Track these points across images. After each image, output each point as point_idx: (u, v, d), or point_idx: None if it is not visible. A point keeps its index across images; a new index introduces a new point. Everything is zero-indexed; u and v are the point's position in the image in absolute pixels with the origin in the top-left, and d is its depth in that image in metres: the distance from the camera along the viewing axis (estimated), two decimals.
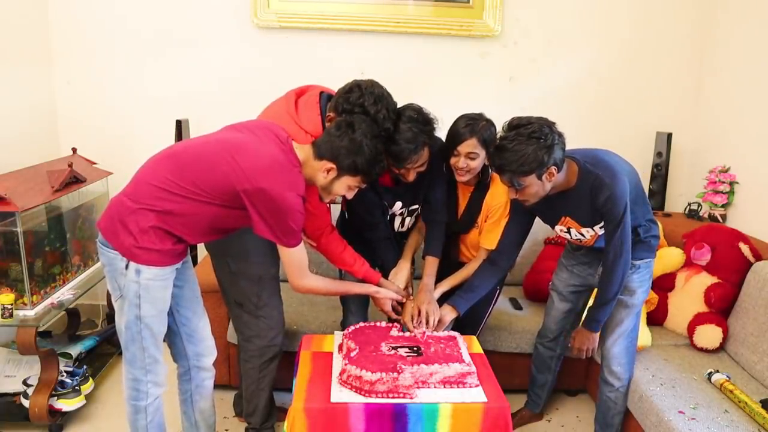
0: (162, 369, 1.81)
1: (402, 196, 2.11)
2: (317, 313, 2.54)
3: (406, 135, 1.86)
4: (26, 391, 2.29)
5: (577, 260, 2.20)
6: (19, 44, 2.83)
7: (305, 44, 3.03)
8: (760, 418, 1.87)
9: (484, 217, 2.17)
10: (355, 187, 1.80)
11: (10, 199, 2.12)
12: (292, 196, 1.63)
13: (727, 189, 2.84)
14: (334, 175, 1.73)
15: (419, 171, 1.96)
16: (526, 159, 1.73)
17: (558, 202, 1.94)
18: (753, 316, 2.27)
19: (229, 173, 1.61)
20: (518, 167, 1.74)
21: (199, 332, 1.92)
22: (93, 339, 2.75)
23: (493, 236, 2.15)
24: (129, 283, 1.66)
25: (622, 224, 1.86)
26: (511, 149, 1.74)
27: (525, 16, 3.06)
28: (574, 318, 2.30)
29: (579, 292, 2.24)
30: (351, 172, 1.73)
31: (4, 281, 2.27)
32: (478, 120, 2.00)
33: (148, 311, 1.69)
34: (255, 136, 1.70)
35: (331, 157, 1.71)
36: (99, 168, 2.76)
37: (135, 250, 1.63)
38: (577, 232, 2.01)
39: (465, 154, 2.00)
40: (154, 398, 1.81)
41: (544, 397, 2.45)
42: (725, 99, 2.97)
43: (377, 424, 1.65)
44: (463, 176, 2.05)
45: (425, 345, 1.88)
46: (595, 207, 1.87)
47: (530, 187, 1.80)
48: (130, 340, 1.73)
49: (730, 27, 2.95)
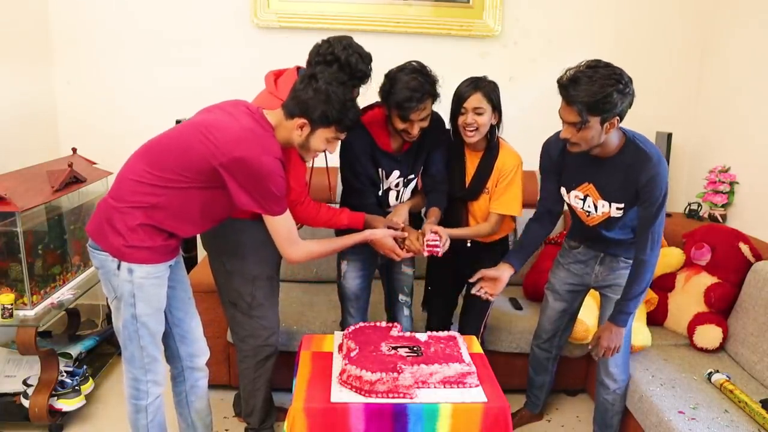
0: (161, 368, 1.81)
1: (400, 164, 2.09)
2: (317, 313, 2.54)
3: (411, 84, 1.89)
4: (26, 391, 2.29)
5: (573, 258, 2.18)
6: (19, 44, 2.83)
7: (305, 44, 3.00)
8: (760, 418, 1.87)
9: (495, 181, 2.15)
10: (333, 139, 1.75)
11: (10, 199, 2.12)
12: (269, 160, 1.61)
13: (727, 189, 2.84)
14: (308, 130, 1.70)
15: (422, 126, 1.97)
16: (602, 96, 1.65)
17: (590, 165, 1.88)
18: (753, 316, 2.27)
19: (204, 151, 1.60)
20: (591, 100, 1.66)
21: (191, 333, 1.92)
22: (93, 339, 2.75)
23: (506, 199, 2.14)
24: (122, 283, 1.66)
25: (661, 211, 1.79)
26: (588, 82, 1.67)
27: (525, 16, 3.07)
28: (569, 319, 2.30)
29: (575, 291, 2.22)
30: (323, 124, 1.69)
31: (4, 281, 2.27)
32: (481, 78, 2.06)
33: (143, 310, 1.69)
34: (225, 113, 1.69)
35: (301, 113, 1.67)
36: (99, 168, 2.76)
37: (125, 249, 1.63)
38: (591, 204, 1.94)
39: (472, 110, 2.02)
40: (154, 397, 1.81)
41: (542, 398, 2.45)
42: (725, 99, 2.98)
43: (377, 424, 1.65)
44: (472, 136, 2.05)
45: (425, 345, 1.88)
46: (634, 184, 1.80)
47: (590, 130, 1.72)
48: (128, 340, 1.73)
49: (730, 27, 2.95)
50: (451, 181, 2.19)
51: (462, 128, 2.06)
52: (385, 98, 1.96)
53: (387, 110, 1.99)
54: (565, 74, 1.73)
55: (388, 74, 1.97)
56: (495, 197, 2.16)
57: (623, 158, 1.82)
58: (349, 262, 2.22)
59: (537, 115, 2.37)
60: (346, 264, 2.22)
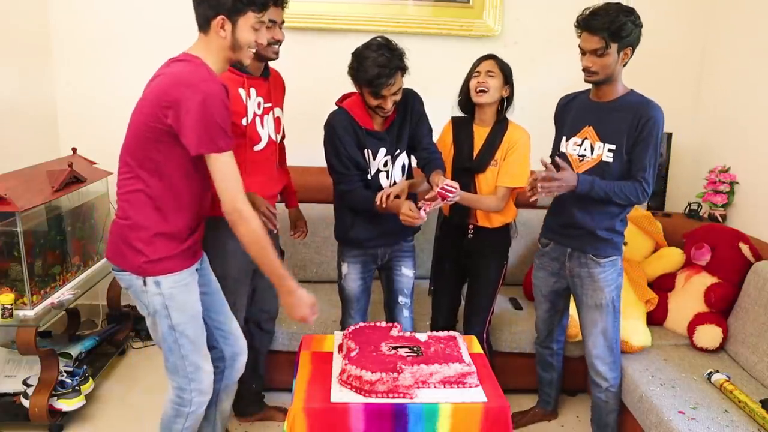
0: (206, 377, 1.80)
1: (385, 141, 2.10)
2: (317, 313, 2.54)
3: (379, 60, 1.92)
4: (26, 391, 2.29)
5: (547, 256, 2.22)
6: (20, 44, 2.83)
7: (305, 44, 3.03)
8: (760, 418, 1.87)
9: (504, 153, 2.18)
10: (258, 25, 1.65)
11: (10, 199, 2.12)
12: (207, 85, 1.54)
13: (727, 189, 2.83)
14: (229, 26, 1.60)
15: (395, 100, 2.01)
16: (620, 23, 1.87)
17: (592, 111, 2.04)
18: (753, 316, 2.27)
19: (151, 115, 1.56)
20: (612, 26, 1.87)
21: (233, 333, 1.93)
22: (93, 339, 2.75)
23: (513, 171, 2.17)
24: (153, 297, 1.67)
25: (653, 149, 1.93)
26: (606, 14, 1.89)
27: (525, 16, 3.06)
28: (560, 318, 2.32)
29: (556, 291, 2.24)
30: (239, 10, 1.60)
31: (4, 281, 2.27)
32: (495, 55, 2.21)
33: (179, 318, 1.69)
34: (155, 76, 1.67)
35: (213, 11, 1.59)
36: (99, 168, 2.76)
37: (146, 265, 1.64)
38: (589, 146, 2.03)
39: (485, 72, 2.15)
40: (197, 406, 1.81)
41: (553, 395, 2.47)
42: (725, 99, 2.97)
43: (377, 424, 1.65)
44: (480, 96, 2.15)
45: (425, 345, 1.88)
46: (635, 120, 1.93)
47: (608, 57, 1.91)
48: (169, 352, 1.73)
49: (730, 27, 2.95)
50: (459, 153, 2.21)
51: (473, 91, 2.16)
52: (354, 77, 1.99)
53: (358, 89, 2.02)
54: (582, 14, 1.95)
55: (355, 53, 2.00)
56: (505, 167, 2.18)
57: (628, 99, 2.00)
58: (349, 264, 2.22)
59: (537, 115, 2.37)
60: (347, 266, 2.22)
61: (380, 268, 2.30)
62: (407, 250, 2.28)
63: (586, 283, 2.09)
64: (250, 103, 1.98)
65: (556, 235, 2.17)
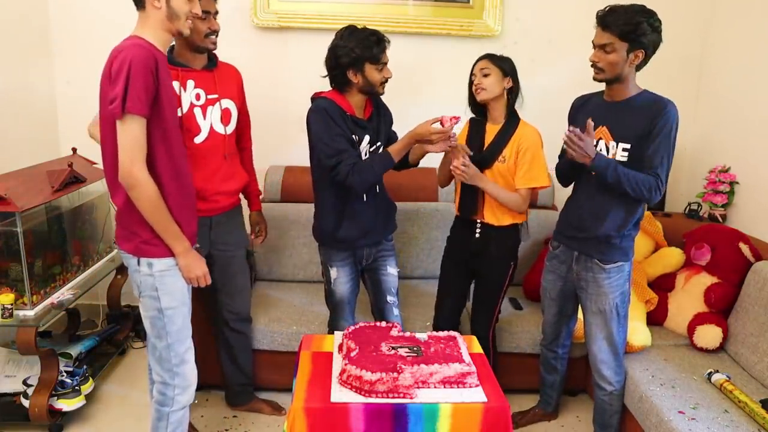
0: (190, 373, 1.81)
1: (368, 130, 2.13)
2: (317, 313, 2.54)
3: (366, 33, 2.02)
4: (26, 391, 2.29)
5: (556, 259, 2.21)
6: (20, 44, 2.83)
7: (305, 44, 3.03)
8: (760, 418, 1.87)
9: (513, 151, 2.18)
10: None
11: (10, 199, 2.12)
12: (138, 50, 1.59)
13: (727, 189, 2.83)
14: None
15: None
16: (634, 23, 1.85)
17: (606, 110, 2.03)
18: (753, 316, 2.27)
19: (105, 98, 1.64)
20: (623, 25, 1.86)
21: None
22: (93, 339, 2.75)
23: (533, 173, 2.17)
24: (144, 278, 1.71)
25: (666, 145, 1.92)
26: (624, 11, 1.88)
27: (525, 16, 3.06)
28: (567, 321, 2.31)
29: (565, 293, 2.23)
30: None
31: (4, 281, 2.27)
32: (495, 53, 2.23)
33: (168, 303, 1.73)
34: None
35: None
36: (99, 168, 2.75)
37: (142, 246, 1.70)
38: (603, 146, 2.02)
39: (479, 73, 2.18)
40: (179, 407, 1.81)
41: (554, 397, 2.47)
42: (725, 99, 2.97)
43: (377, 424, 1.65)
44: (479, 93, 2.18)
45: (425, 345, 1.88)
46: (650, 119, 1.91)
47: (615, 54, 1.90)
48: (156, 338, 1.76)
49: (730, 27, 2.95)
50: (470, 147, 2.22)
51: (474, 93, 2.20)
52: (355, 61, 2.01)
53: (360, 73, 2.04)
54: (603, 9, 1.94)
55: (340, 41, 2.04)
56: (520, 174, 2.18)
57: (642, 97, 1.98)
58: (339, 268, 2.22)
59: (537, 115, 2.37)
60: (336, 270, 2.22)
61: (364, 269, 2.29)
62: (389, 249, 2.30)
63: (591, 287, 2.08)
64: (185, 95, 2.00)
65: (564, 237, 2.16)
